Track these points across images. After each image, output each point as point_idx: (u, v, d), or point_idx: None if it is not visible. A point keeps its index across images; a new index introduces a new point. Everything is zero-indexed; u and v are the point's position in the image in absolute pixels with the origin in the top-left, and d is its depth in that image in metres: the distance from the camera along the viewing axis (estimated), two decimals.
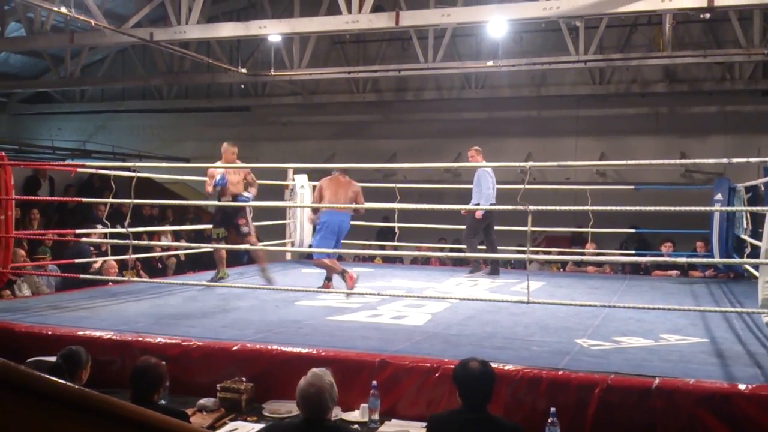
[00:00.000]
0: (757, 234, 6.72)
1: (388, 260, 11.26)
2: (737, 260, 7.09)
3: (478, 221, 8.23)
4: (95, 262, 8.25)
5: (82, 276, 7.33)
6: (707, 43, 12.81)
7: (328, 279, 7.11)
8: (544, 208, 5.35)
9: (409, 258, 11.84)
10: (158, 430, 1.21)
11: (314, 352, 4.43)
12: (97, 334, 4.85)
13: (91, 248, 8.64)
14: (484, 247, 8.50)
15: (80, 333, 4.86)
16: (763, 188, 7.56)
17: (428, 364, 4.19)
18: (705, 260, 8.38)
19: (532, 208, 5.07)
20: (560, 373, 3.97)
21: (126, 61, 16.58)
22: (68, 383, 1.14)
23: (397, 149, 14.94)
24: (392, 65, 13.46)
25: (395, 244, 9.81)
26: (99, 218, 9.56)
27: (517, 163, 7.22)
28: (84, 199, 8.96)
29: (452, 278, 8.44)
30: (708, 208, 7.97)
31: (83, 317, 5.49)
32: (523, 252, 5.75)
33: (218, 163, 7.33)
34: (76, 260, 7.81)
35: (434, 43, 12.43)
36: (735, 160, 5.27)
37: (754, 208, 6.89)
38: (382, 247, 11.06)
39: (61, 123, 18.26)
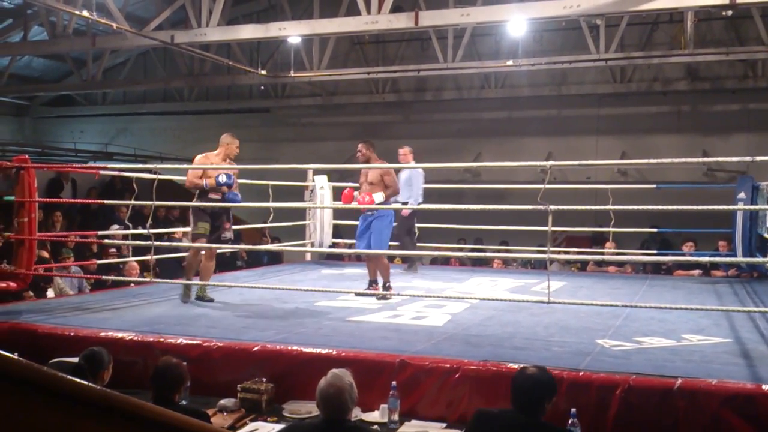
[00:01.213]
0: None
1: (407, 260, 11.24)
2: (761, 259, 7.00)
3: (407, 219, 8.37)
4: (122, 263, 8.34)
5: (104, 277, 7.40)
6: (729, 40, 12.65)
7: (381, 281, 6.73)
8: (564, 207, 5.32)
9: (428, 258, 11.82)
10: (179, 430, 1.22)
11: (334, 352, 4.43)
12: (119, 335, 4.89)
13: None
14: (397, 243, 8.28)
15: (102, 334, 4.91)
16: None
17: (448, 365, 4.19)
18: (728, 259, 8.29)
19: (552, 207, 5.05)
20: (581, 373, 3.94)
21: (147, 63, 16.72)
22: (90, 384, 1.16)
23: (416, 149, 14.82)
24: (411, 65, 13.45)
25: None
26: (121, 220, 9.66)
27: (537, 163, 7.18)
28: (106, 201, 9.06)
29: (472, 278, 8.42)
30: (731, 207, 7.88)
31: (105, 318, 5.54)
32: (544, 252, 5.72)
33: (216, 156, 6.47)
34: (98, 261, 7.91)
35: (453, 42, 12.41)
36: (759, 158, 5.21)
37: None
38: None
39: (83, 125, 18.45)
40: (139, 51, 15.90)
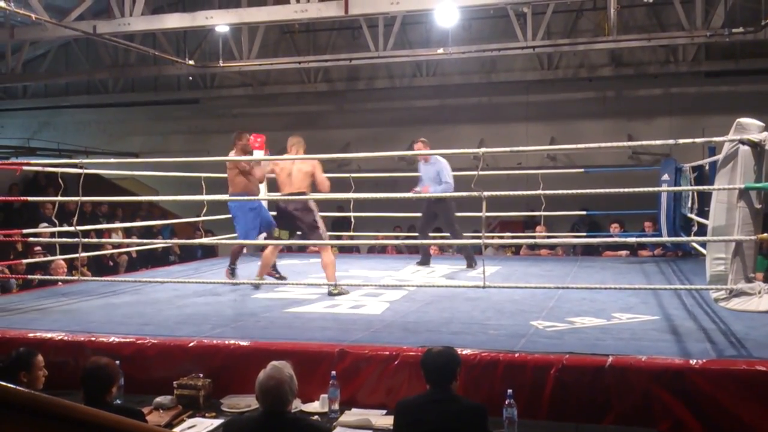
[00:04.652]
0: (703, 212, 6.91)
1: (344, 250, 11.25)
2: (685, 239, 7.26)
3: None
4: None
5: (29, 276, 7.15)
6: (651, 26, 13.04)
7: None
8: (497, 193, 5.39)
9: (365, 247, 11.85)
10: (112, 430, 1.19)
11: (272, 344, 4.40)
12: (49, 335, 4.74)
13: None
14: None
15: (31, 335, 4.75)
16: (708, 167, 7.75)
17: (387, 353, 4.21)
18: (654, 239, 8.57)
19: (486, 193, 5.11)
20: (517, 355, 4.02)
21: (69, 55, 16.15)
22: (17, 387, 1.12)
23: (350, 139, 14.91)
24: (343, 54, 13.39)
25: (351, 233, 9.80)
26: (47, 217, 9.34)
27: (470, 150, 7.26)
28: (30, 198, 8.74)
29: (409, 266, 8.47)
30: (656, 189, 8.14)
31: (34, 319, 5.36)
32: (479, 237, 5.80)
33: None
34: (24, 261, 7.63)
35: (384, 31, 12.41)
36: (681, 141, 5.39)
37: (700, 187, 7.07)
38: (339, 237, 11.04)
39: (3, 120, 17.74)
40: (60, 42, 15.34)
